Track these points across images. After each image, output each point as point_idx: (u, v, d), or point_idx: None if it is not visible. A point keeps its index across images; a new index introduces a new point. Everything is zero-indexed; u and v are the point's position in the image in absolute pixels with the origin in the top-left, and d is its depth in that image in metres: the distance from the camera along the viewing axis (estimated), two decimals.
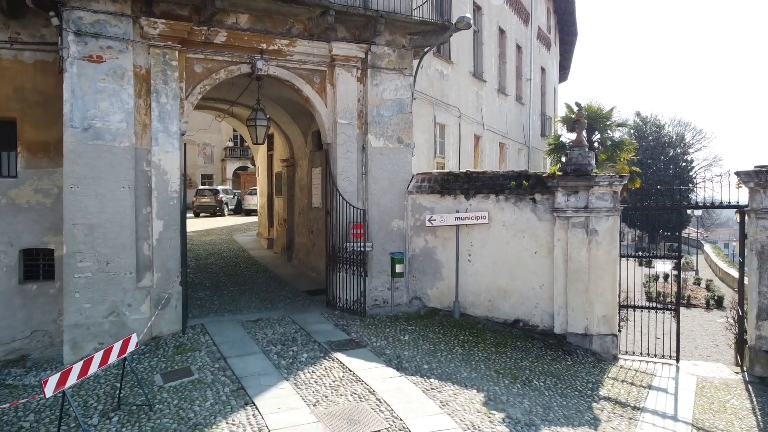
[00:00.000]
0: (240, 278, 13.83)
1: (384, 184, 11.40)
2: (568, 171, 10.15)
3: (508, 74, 21.81)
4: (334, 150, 11.13)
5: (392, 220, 11.52)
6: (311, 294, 12.34)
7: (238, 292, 12.45)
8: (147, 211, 9.51)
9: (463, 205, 11.16)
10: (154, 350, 8.87)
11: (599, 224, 10.03)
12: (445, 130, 16.33)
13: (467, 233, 11.14)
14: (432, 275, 11.54)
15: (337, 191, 10.87)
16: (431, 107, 15.14)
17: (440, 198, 11.38)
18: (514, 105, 22.75)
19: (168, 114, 9.59)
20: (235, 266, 15.46)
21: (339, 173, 11.05)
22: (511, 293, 10.77)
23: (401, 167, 11.57)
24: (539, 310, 10.53)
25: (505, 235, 10.81)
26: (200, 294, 12.08)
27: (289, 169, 15.88)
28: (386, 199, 11.43)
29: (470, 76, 17.90)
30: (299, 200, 15.30)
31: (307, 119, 13.86)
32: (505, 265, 10.81)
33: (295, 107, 13.66)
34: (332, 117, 11.17)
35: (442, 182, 11.40)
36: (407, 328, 10.21)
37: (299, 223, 15.38)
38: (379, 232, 11.36)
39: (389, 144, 11.45)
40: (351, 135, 11.16)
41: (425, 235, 11.56)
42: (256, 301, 11.65)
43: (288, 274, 14.47)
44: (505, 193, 10.79)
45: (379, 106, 11.35)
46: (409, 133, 11.65)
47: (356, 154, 11.24)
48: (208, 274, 14.19)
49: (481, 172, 11.31)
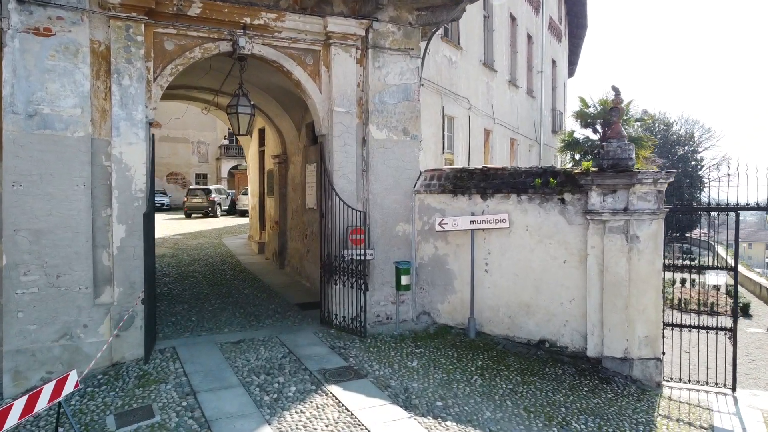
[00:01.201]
0: (224, 288, 12.31)
1: (387, 182, 9.89)
2: (604, 166, 8.63)
3: (519, 65, 20.31)
4: (330, 143, 9.61)
5: (397, 224, 10.01)
6: (304, 308, 10.83)
7: (220, 305, 10.92)
8: (106, 214, 8.01)
9: (479, 207, 9.64)
10: (112, 381, 7.35)
11: (641, 229, 8.52)
12: (454, 123, 14.82)
13: (484, 239, 9.62)
14: (443, 287, 10.03)
15: (332, 190, 9.36)
16: (439, 97, 13.64)
17: (452, 198, 9.87)
18: (525, 98, 21.25)
19: (132, 99, 8.07)
20: (220, 274, 13.93)
21: (335, 169, 9.53)
22: (535, 309, 9.26)
23: (407, 163, 10.05)
24: (569, 328, 9.02)
25: (529, 241, 9.29)
26: (176, 308, 10.56)
27: (281, 166, 14.37)
28: (390, 199, 9.92)
29: (480, 64, 16.39)
30: (292, 201, 13.80)
31: (300, 110, 12.36)
32: (529, 277, 9.30)
33: (287, 97, 12.16)
34: (327, 104, 9.65)
35: (455, 180, 9.89)
36: (415, 351, 8.69)
37: (292, 226, 13.88)
38: (381, 238, 9.85)
39: (393, 136, 9.93)
40: (349, 125, 9.64)
41: (435, 241, 10.04)
42: (240, 317, 10.13)
43: (279, 283, 12.95)
44: (529, 193, 9.27)
45: (382, 92, 9.83)
46: (417, 123, 10.13)
47: (355, 148, 9.72)
48: (188, 284, 12.67)
49: (500, 169, 9.79)
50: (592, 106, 22.24)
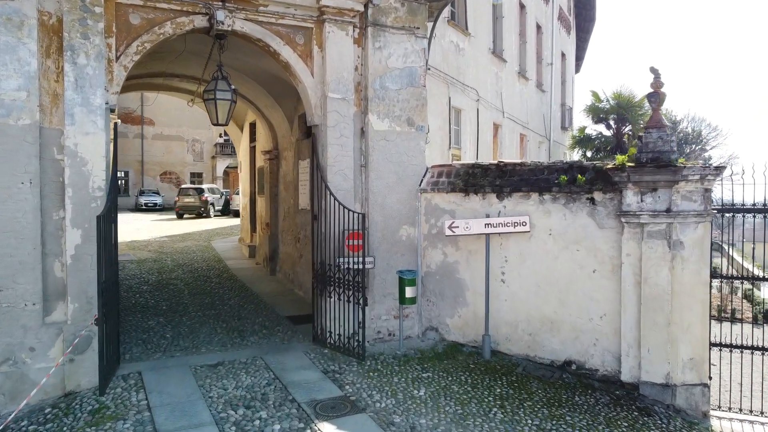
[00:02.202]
0: (207, 299, 11.06)
1: (389, 179, 8.67)
2: (642, 161, 7.41)
3: (529, 56, 19.08)
4: (323, 134, 8.39)
5: (400, 227, 8.79)
6: (296, 321, 9.60)
7: (200, 319, 9.69)
8: (59, 217, 6.79)
9: (495, 208, 8.42)
10: (60, 417, 6.12)
11: (685, 234, 7.29)
12: (461, 115, 13.60)
13: (500, 245, 8.40)
14: (452, 299, 8.80)
15: (326, 189, 8.13)
16: (446, 87, 12.41)
17: (463, 198, 8.64)
18: (535, 92, 20.02)
19: (89, 81, 6.85)
20: (205, 281, 12.69)
21: (330, 165, 8.31)
22: (560, 325, 8.04)
23: (412, 157, 8.83)
24: (599, 348, 7.80)
25: (552, 247, 8.07)
26: (149, 323, 9.33)
27: (272, 163, 13.13)
28: (392, 199, 8.70)
29: (489, 53, 15.17)
30: (284, 200, 12.57)
31: (293, 100, 11.13)
32: (552, 288, 8.07)
33: (278, 85, 10.92)
34: (321, 90, 8.43)
35: (467, 177, 8.67)
36: (422, 376, 7.47)
37: (284, 228, 12.65)
38: (382, 243, 8.63)
39: (396, 126, 8.71)
40: (346, 114, 8.42)
41: (444, 247, 8.82)
42: (222, 333, 8.90)
43: (269, 292, 11.72)
44: (553, 192, 8.05)
45: (383, 77, 8.61)
46: (423, 112, 8.90)
47: (353, 140, 8.50)
48: (167, 293, 11.43)
49: (519, 164, 8.56)
50: (605, 101, 21.04)
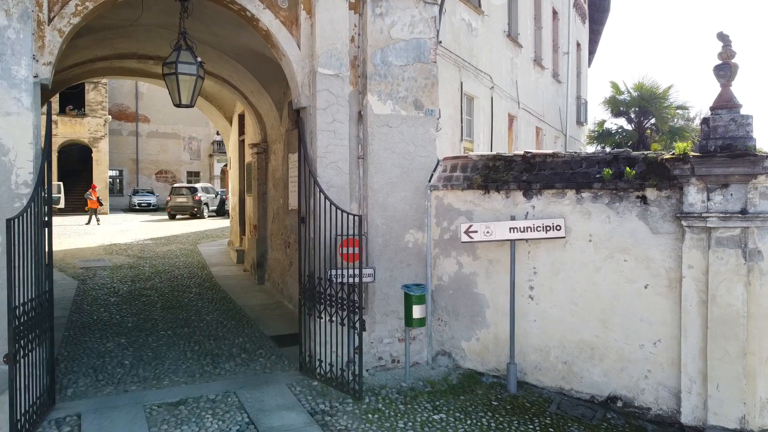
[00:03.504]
0: (182, 313, 9.58)
1: (393, 173, 7.19)
2: (710, 149, 5.89)
3: (545, 43, 17.57)
4: (313, 118, 6.91)
5: (406, 232, 7.30)
6: (281, 342, 8.12)
7: (169, 339, 8.21)
8: None
9: (521, 208, 6.93)
10: None
11: (765, 241, 5.79)
12: (474, 104, 12.10)
13: (528, 253, 6.91)
14: (469, 319, 7.31)
15: (316, 185, 6.65)
16: (457, 70, 10.92)
17: (483, 196, 7.15)
18: (551, 82, 18.51)
19: (11, 47, 5.40)
20: (183, 292, 11.21)
21: (320, 156, 6.83)
22: (602, 352, 6.54)
23: (420, 147, 7.34)
24: (652, 382, 6.29)
25: (593, 256, 6.57)
26: (108, 345, 7.85)
27: (260, 158, 11.66)
28: (396, 197, 7.22)
29: (504, 36, 13.67)
30: (273, 200, 11.10)
31: (281, 85, 9.66)
32: (593, 306, 6.58)
33: (265, 67, 9.45)
34: (309, 64, 6.95)
35: (486, 171, 7.17)
36: (433, 419, 5.97)
37: (273, 231, 11.18)
38: (384, 252, 7.15)
39: (401, 110, 7.22)
40: (340, 94, 6.93)
41: (459, 256, 7.33)
42: (192, 359, 7.42)
43: (254, 304, 10.24)
44: (594, 188, 6.55)
45: (386, 50, 7.13)
46: (433, 93, 7.42)
47: (348, 126, 7.01)
48: (137, 307, 9.94)
49: (550, 155, 7.05)
50: (626, 92, 19.53)
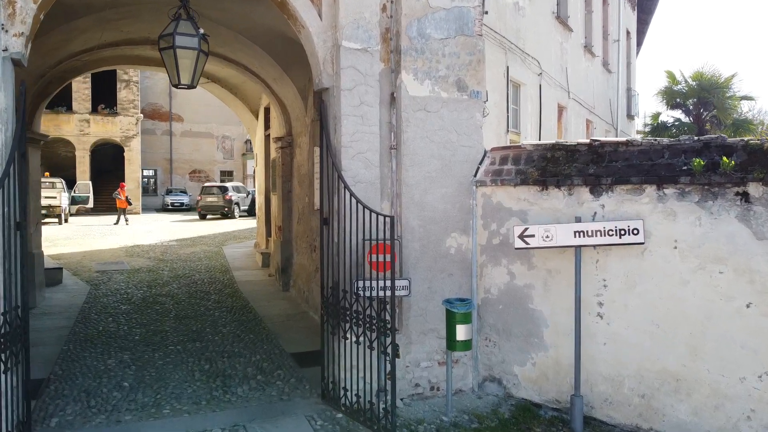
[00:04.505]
0: (196, 324, 8.64)
1: (431, 166, 6.08)
2: None
3: (595, 29, 16.19)
4: (336, 101, 5.86)
5: (447, 236, 6.17)
6: (303, 362, 7.08)
7: (178, 356, 7.26)
8: None
9: (588, 208, 5.73)
10: None
11: None
12: (521, 91, 10.90)
13: (596, 262, 5.71)
14: (524, 339, 6.14)
15: (340, 180, 5.58)
16: (502, 53, 9.74)
17: (540, 193, 5.98)
18: (601, 72, 17.11)
19: None
20: (200, 299, 10.29)
21: (345, 145, 5.77)
22: (690, 385, 5.30)
23: (464, 136, 6.21)
24: (757, 425, 5.03)
25: (679, 267, 5.33)
26: (109, 362, 6.94)
27: (285, 153, 10.69)
28: (435, 194, 6.10)
29: (553, 17, 12.42)
30: (298, 199, 10.11)
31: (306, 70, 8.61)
32: (678, 329, 5.34)
33: (286, 49, 8.47)
34: (332, 37, 5.90)
35: (544, 163, 6.00)
36: None
37: (298, 233, 10.19)
38: (422, 259, 6.04)
39: (441, 91, 6.10)
40: (368, 72, 5.86)
41: (510, 264, 6.16)
42: (201, 381, 6.43)
43: (276, 314, 9.25)
44: (680, 183, 5.31)
45: (423, 21, 6.02)
46: (479, 72, 6.28)
47: (378, 110, 5.94)
48: (149, 316, 9.05)
49: (623, 143, 5.82)
50: (683, 82, 17.97)
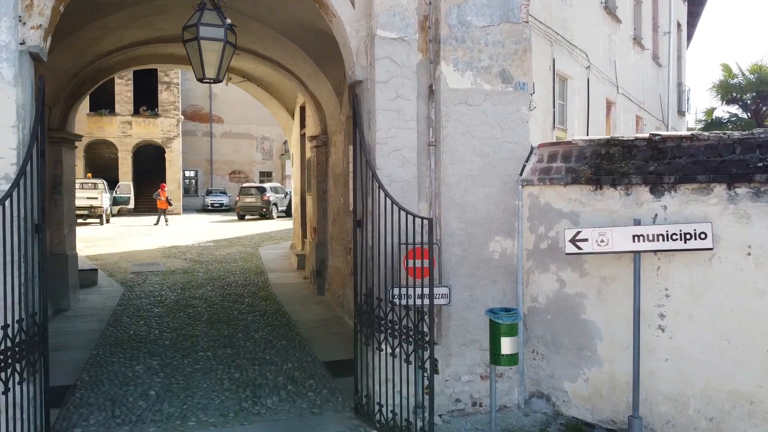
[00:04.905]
0: (228, 329, 8.38)
1: (473, 164, 5.63)
2: None
3: (644, 20, 15.40)
4: (370, 94, 5.47)
5: (490, 239, 5.71)
6: (336, 371, 6.71)
7: (207, 362, 6.99)
8: None
9: (648, 209, 5.19)
10: None
11: None
12: (568, 86, 10.33)
13: (657, 269, 5.16)
14: (575, 353, 5.63)
15: (374, 180, 5.19)
16: (548, 44, 9.20)
17: (593, 193, 5.46)
18: (651, 65, 16.29)
19: None
20: (234, 302, 10.06)
21: (379, 142, 5.38)
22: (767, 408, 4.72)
23: (508, 131, 5.74)
24: None
25: (754, 275, 4.75)
26: (137, 368, 6.72)
27: (320, 152, 10.38)
28: (477, 194, 5.65)
29: (601, 7, 11.78)
30: (333, 199, 9.78)
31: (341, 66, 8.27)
32: (753, 345, 4.76)
33: (320, 44, 8.13)
34: (366, 26, 5.52)
35: (598, 160, 5.48)
36: None
37: (333, 235, 9.86)
38: (462, 264, 5.60)
39: (484, 83, 5.65)
40: (405, 63, 5.46)
41: (560, 270, 5.66)
42: (230, 390, 6.13)
43: (310, 319, 8.93)
44: (754, 182, 4.73)
45: (463, 6, 5.58)
46: (525, 62, 5.80)
47: (416, 104, 5.52)
48: (180, 320, 8.85)
49: (687, 137, 5.26)
50: (740, 75, 16.98)
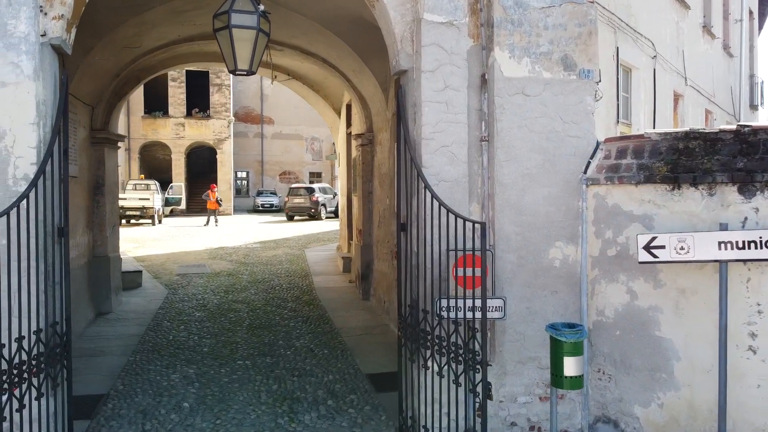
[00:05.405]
0: (269, 335, 8.03)
1: (531, 161, 5.05)
2: None
3: (714, 7, 14.29)
4: (416, 85, 4.98)
5: (550, 245, 5.12)
6: (380, 385, 6.24)
7: (245, 372, 6.64)
8: None
9: (735, 212, 4.49)
10: None
11: None
12: (632, 77, 9.54)
13: (746, 281, 4.46)
14: (648, 374, 4.97)
15: (420, 179, 4.70)
16: (611, 32, 8.47)
17: (670, 193, 4.79)
18: (721, 56, 15.13)
19: None
20: (276, 307, 9.74)
21: (426, 137, 4.87)
22: None
23: (571, 124, 5.14)
24: None
25: None
26: (173, 377, 6.44)
27: (365, 150, 9.95)
28: (536, 195, 5.07)
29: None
30: (379, 200, 9.33)
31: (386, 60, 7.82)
32: None
33: (365, 37, 7.70)
34: (411, 10, 5.03)
35: (675, 155, 4.81)
36: None
37: (379, 237, 9.41)
38: (519, 273, 5.04)
39: (544, 71, 5.07)
40: (454, 50, 4.93)
41: (630, 281, 5.01)
42: (267, 404, 5.75)
43: (354, 327, 8.50)
44: None
45: None
46: (590, 47, 5.19)
47: (466, 95, 4.99)
48: (220, 325, 8.57)
49: None
50: None
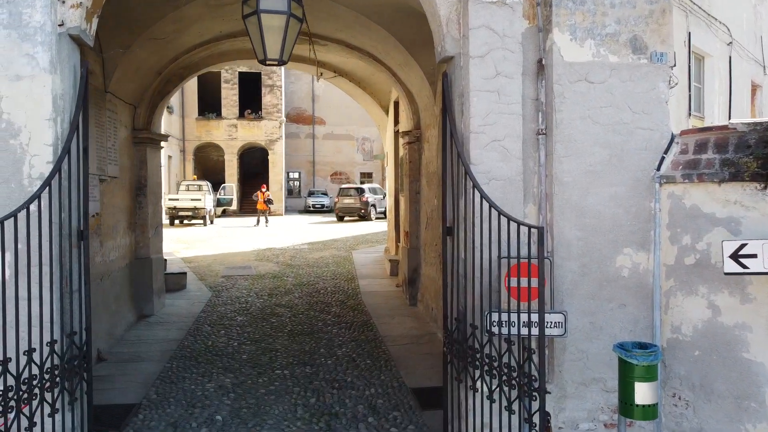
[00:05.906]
0: (310, 343, 7.67)
1: (595, 156, 4.47)
2: None
3: None
4: (464, 72, 4.48)
5: (617, 252, 4.52)
6: (425, 401, 5.75)
7: (283, 383, 6.28)
8: None
9: None
10: None
11: None
12: (705, 65, 8.73)
13: None
14: (733, 402, 4.30)
15: (468, 177, 4.20)
16: (682, 15, 7.73)
17: (760, 193, 4.12)
18: None
19: None
20: (320, 312, 9.38)
21: (474, 130, 4.37)
22: None
23: (641, 114, 4.53)
24: None
25: None
26: (208, 386, 6.14)
27: (412, 148, 9.47)
28: (601, 195, 4.49)
29: None
30: (426, 200, 8.84)
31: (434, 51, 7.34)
32: None
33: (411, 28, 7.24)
34: None
35: (765, 149, 4.14)
36: None
37: (426, 240, 8.91)
38: (581, 283, 4.47)
39: (610, 54, 4.48)
40: (507, 32, 4.41)
41: (712, 293, 4.35)
42: (302, 421, 5.36)
43: (399, 335, 8.04)
44: None
45: None
46: (663, 26, 4.56)
47: (520, 83, 4.46)
48: (261, 331, 8.27)
49: None
50: None
